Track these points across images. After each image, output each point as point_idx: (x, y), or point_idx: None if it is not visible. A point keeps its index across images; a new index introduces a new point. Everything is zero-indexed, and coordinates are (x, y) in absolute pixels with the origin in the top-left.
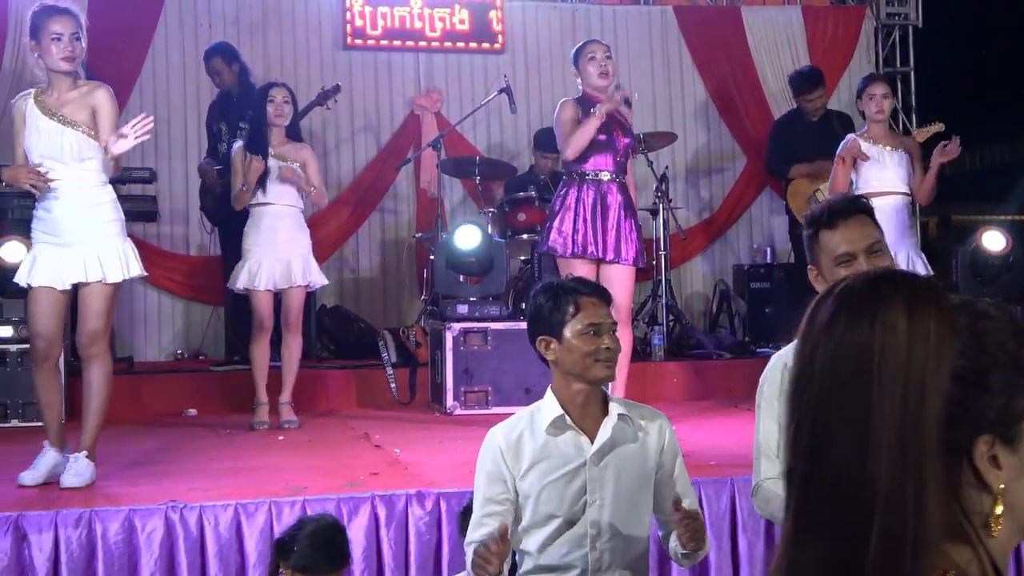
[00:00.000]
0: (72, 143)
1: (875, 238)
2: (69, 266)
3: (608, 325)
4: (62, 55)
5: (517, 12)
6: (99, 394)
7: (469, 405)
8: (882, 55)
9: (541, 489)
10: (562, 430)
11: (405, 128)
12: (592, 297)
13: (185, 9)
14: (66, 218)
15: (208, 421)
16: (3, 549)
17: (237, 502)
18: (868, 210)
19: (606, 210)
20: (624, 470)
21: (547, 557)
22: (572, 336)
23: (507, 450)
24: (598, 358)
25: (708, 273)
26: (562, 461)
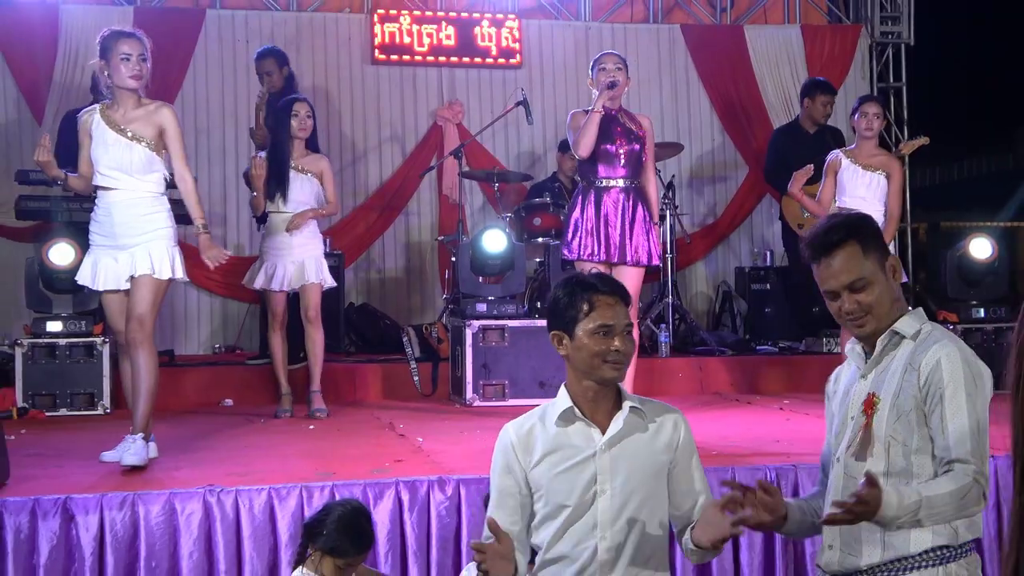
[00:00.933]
0: (139, 157)
1: (856, 275)
2: (124, 265)
3: (621, 327)
4: (130, 74)
5: (534, 30)
6: (147, 378)
7: (487, 397)
8: (876, 71)
9: (552, 479)
10: (572, 422)
11: (428, 138)
12: (608, 297)
13: (224, 26)
14: (124, 224)
15: (243, 411)
16: (52, 529)
17: (270, 486)
18: (846, 240)
19: (613, 215)
20: (635, 462)
21: (560, 547)
22: (583, 335)
23: (518, 444)
24: (607, 359)
25: (711, 275)
26: (572, 451)
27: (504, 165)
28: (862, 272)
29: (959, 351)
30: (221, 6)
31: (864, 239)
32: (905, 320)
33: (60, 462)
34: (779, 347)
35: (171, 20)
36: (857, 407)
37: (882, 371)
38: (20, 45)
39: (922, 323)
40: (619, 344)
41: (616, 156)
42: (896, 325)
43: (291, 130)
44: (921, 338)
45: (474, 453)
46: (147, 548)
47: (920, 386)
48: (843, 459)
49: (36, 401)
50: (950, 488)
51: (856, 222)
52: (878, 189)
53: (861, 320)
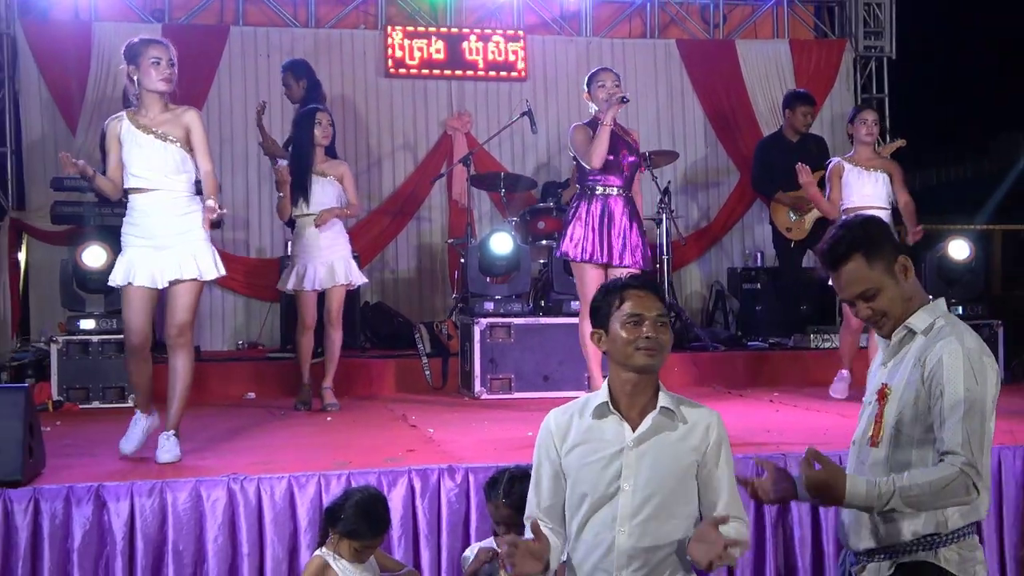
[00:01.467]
0: (172, 157)
1: (863, 286)
2: (165, 266)
3: (653, 317)
4: (161, 77)
5: (538, 45)
6: (183, 380)
7: (494, 390)
8: (860, 83)
9: (580, 468)
10: (606, 416)
11: (439, 147)
12: (639, 291)
13: (246, 42)
14: (162, 224)
15: (265, 403)
16: (85, 515)
17: (290, 475)
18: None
19: (611, 220)
20: (660, 461)
21: (584, 535)
22: (617, 326)
23: (556, 431)
24: (639, 346)
25: (705, 275)
26: (602, 445)
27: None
28: (869, 283)
29: (962, 347)
30: (244, 22)
31: (868, 249)
32: (919, 315)
33: (93, 452)
34: (769, 343)
35: (197, 36)
36: (873, 394)
37: (897, 363)
38: (55, 60)
39: (936, 316)
40: (649, 331)
41: (619, 166)
42: (909, 321)
43: (315, 138)
44: (932, 334)
45: (482, 443)
46: (174, 533)
47: (923, 381)
48: (858, 443)
49: (70, 394)
50: (929, 479)
51: (859, 233)
52: (883, 187)
53: (879, 323)
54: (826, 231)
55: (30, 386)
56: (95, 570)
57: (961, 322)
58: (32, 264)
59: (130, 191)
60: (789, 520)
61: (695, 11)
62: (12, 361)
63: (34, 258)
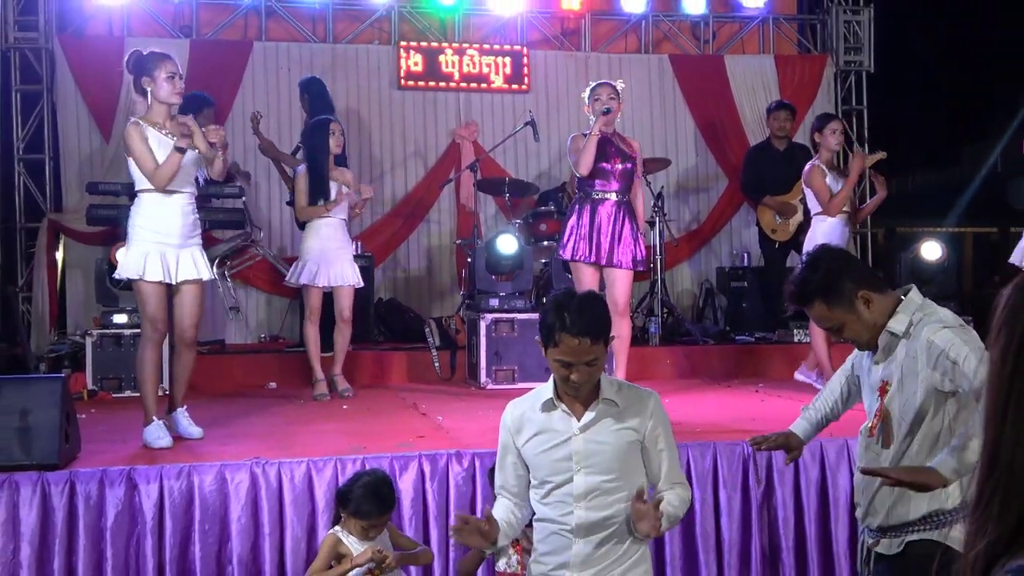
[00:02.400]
0: (196, 164)
1: (828, 324)
2: (181, 263)
3: (580, 363)
4: (176, 91)
5: (540, 59)
6: (191, 369)
7: (499, 381)
8: (840, 95)
9: (536, 456)
10: (553, 409)
11: (447, 154)
12: (573, 339)
13: (268, 56)
14: (180, 224)
15: (285, 392)
16: (118, 496)
17: (309, 459)
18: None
19: (605, 224)
20: (605, 445)
21: (546, 513)
22: (551, 358)
23: (511, 424)
24: (566, 383)
25: (695, 274)
26: (554, 435)
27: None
28: (832, 322)
29: (941, 323)
30: (266, 38)
31: (827, 295)
32: (897, 319)
33: (125, 437)
34: (755, 337)
35: (223, 51)
36: (875, 390)
37: (889, 363)
38: (90, 73)
39: (911, 314)
40: (575, 377)
41: (611, 173)
42: (890, 325)
43: (329, 146)
44: (912, 332)
45: (487, 430)
46: (201, 513)
47: (925, 368)
48: (864, 433)
49: (104, 384)
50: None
51: (820, 281)
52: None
53: (854, 344)
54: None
55: (66, 376)
56: (127, 548)
57: (931, 304)
58: (68, 263)
59: (144, 191)
60: (774, 502)
61: (686, 28)
62: (50, 353)
63: (70, 257)
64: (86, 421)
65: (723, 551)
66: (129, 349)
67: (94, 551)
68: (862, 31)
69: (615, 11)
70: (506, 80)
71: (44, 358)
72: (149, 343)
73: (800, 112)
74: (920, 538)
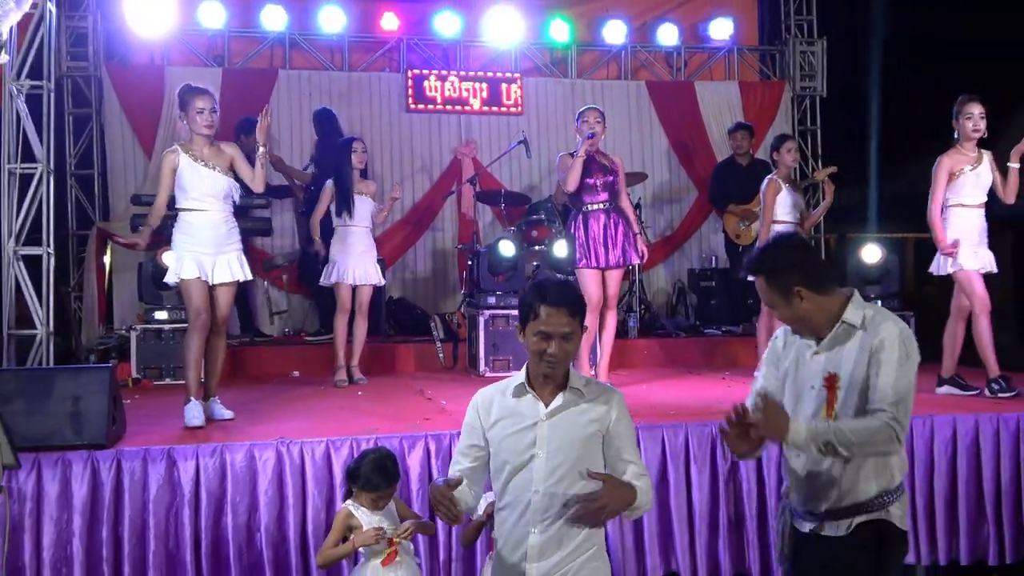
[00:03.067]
0: (224, 185)
1: (766, 300)
2: (217, 268)
3: (558, 334)
4: (205, 124)
5: (532, 85)
6: (222, 356)
7: (496, 369)
8: (797, 117)
9: (502, 440)
10: (523, 395)
11: (450, 169)
12: (552, 308)
13: (292, 83)
14: (214, 236)
15: (307, 380)
16: (159, 472)
17: (328, 439)
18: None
19: (597, 232)
20: (568, 432)
21: (506, 496)
22: (530, 334)
23: (481, 407)
24: (543, 359)
25: (670, 274)
26: (520, 419)
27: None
28: (768, 299)
29: (899, 331)
30: (290, 67)
31: (769, 275)
32: (851, 311)
33: (165, 420)
34: (722, 331)
35: (252, 78)
36: (817, 380)
37: (837, 353)
38: (134, 97)
39: (863, 309)
40: (553, 349)
41: (595, 187)
42: (846, 316)
43: (352, 162)
44: (868, 324)
45: None
46: (233, 486)
47: (869, 362)
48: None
49: (146, 373)
50: (861, 425)
51: (770, 259)
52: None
53: (787, 326)
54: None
55: (113, 366)
56: (167, 518)
57: (885, 310)
58: (115, 266)
59: (184, 210)
60: (738, 476)
61: (661, 57)
62: (99, 345)
63: (116, 261)
64: (131, 406)
65: (694, 521)
66: (169, 342)
67: (138, 520)
68: (816, 60)
69: (598, 42)
70: (502, 104)
71: (94, 350)
72: (194, 331)
73: (761, 132)
74: (870, 518)
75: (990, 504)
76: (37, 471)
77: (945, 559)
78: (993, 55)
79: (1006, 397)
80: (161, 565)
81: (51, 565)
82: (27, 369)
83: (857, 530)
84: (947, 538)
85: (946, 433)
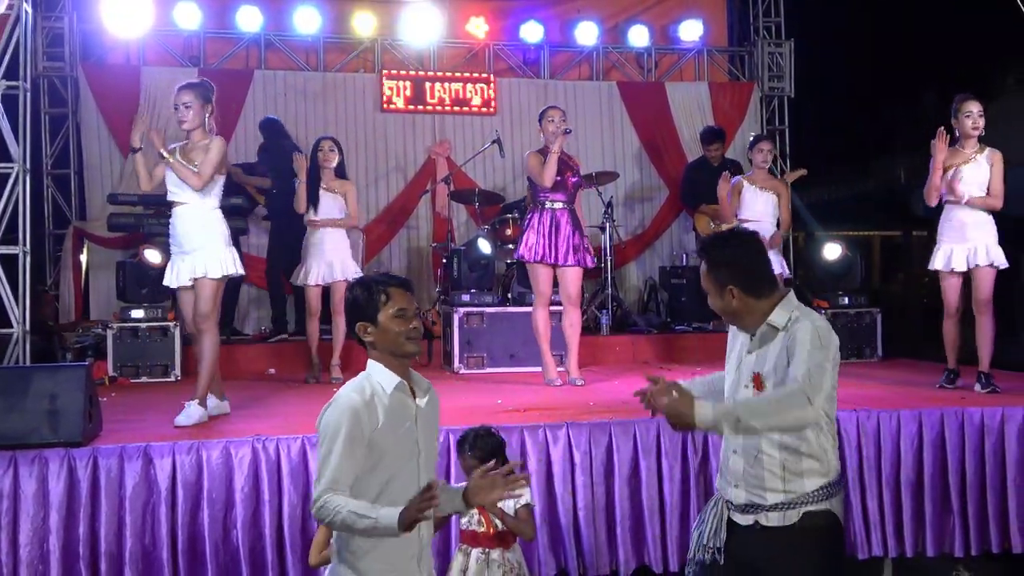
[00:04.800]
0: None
1: (703, 284)
2: (183, 269)
3: (413, 311)
4: (180, 119)
5: (505, 86)
6: (206, 358)
7: (470, 366)
8: (765, 117)
9: (389, 440)
10: (403, 393)
11: (424, 168)
12: (399, 288)
13: (267, 83)
14: (187, 233)
15: (283, 377)
16: (135, 470)
17: (304, 436)
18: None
19: (558, 229)
20: (431, 426)
21: (395, 494)
22: (386, 319)
23: (363, 409)
24: (408, 336)
25: (641, 272)
26: (402, 419)
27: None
28: (705, 285)
29: (812, 325)
30: (265, 67)
31: (710, 266)
32: (777, 313)
33: (141, 418)
34: (692, 327)
35: (227, 78)
36: (748, 378)
37: (763, 354)
38: (111, 97)
39: (791, 311)
40: (416, 323)
41: (564, 185)
42: (771, 318)
43: (318, 160)
44: (791, 325)
45: (459, 408)
46: (209, 483)
47: (788, 360)
48: None
49: (123, 371)
50: (772, 396)
51: (716, 249)
52: (770, 205)
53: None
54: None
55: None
56: (143, 515)
57: (811, 310)
58: (92, 264)
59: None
60: (708, 470)
61: (632, 58)
62: (75, 344)
63: (93, 259)
64: (107, 404)
65: (665, 512)
66: (145, 340)
67: (114, 517)
68: (784, 61)
69: (570, 43)
70: (475, 104)
71: (70, 348)
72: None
73: (730, 132)
74: (816, 508)
75: (955, 497)
76: (14, 469)
77: (912, 551)
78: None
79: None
80: (138, 562)
81: (27, 563)
82: (3, 368)
83: (805, 518)
84: (913, 531)
85: (912, 427)
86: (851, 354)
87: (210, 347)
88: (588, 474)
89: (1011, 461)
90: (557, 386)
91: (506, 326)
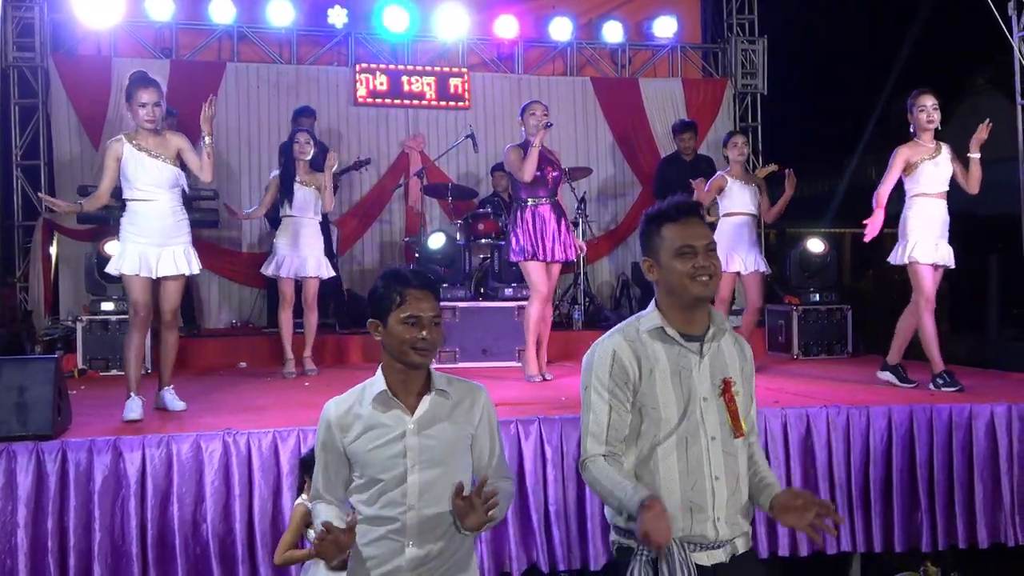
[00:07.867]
0: (169, 175)
1: (710, 238)
2: (162, 260)
3: (429, 318)
4: (147, 118)
5: (479, 80)
6: (175, 348)
7: (442, 361)
8: (738, 114)
9: (367, 454)
10: (386, 404)
11: (398, 162)
12: (418, 291)
13: (240, 75)
14: (159, 227)
15: (254, 371)
16: (104, 463)
17: (275, 429)
18: (701, 213)
19: (544, 225)
20: (440, 441)
21: (375, 513)
22: (395, 323)
23: (336, 422)
24: (415, 347)
25: (614, 267)
26: (385, 431)
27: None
28: (712, 239)
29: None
30: (238, 59)
31: (642, 231)
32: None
33: (111, 411)
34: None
35: (200, 70)
36: (712, 388)
37: (717, 355)
38: (82, 88)
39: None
40: (426, 334)
41: (545, 180)
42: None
43: (294, 153)
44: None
45: None
46: (179, 477)
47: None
48: (719, 437)
49: (93, 364)
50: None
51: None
52: (756, 198)
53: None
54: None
55: (59, 357)
56: (113, 509)
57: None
58: (61, 257)
59: (131, 200)
60: None
61: (606, 54)
62: (44, 336)
63: (63, 252)
64: (76, 397)
65: None
66: (115, 333)
67: (83, 511)
68: (757, 58)
69: (544, 39)
70: (449, 98)
71: (39, 341)
72: (133, 326)
73: (704, 128)
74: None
75: (923, 492)
76: None
77: (880, 546)
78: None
79: (950, 392)
80: (107, 556)
81: None
82: None
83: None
84: (882, 526)
85: (881, 423)
86: (821, 350)
87: (177, 339)
88: (559, 469)
89: (978, 457)
90: (537, 383)
91: (479, 320)
